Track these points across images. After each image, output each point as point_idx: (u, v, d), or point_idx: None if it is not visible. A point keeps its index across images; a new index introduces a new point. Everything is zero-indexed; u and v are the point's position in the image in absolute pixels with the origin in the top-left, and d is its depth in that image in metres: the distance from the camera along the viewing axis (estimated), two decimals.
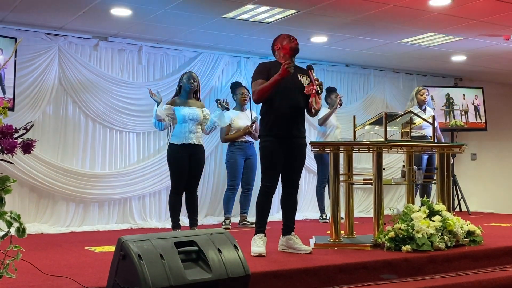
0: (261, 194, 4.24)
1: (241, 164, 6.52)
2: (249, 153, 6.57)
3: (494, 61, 8.01)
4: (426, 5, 5.48)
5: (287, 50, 4.30)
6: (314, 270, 3.67)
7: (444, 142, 6.90)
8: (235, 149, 6.51)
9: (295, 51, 4.31)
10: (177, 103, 5.38)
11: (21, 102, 6.20)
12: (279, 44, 4.36)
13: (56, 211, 6.39)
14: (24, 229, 2.68)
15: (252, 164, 6.58)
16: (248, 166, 6.56)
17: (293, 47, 4.29)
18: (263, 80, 4.19)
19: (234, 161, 6.49)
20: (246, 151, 6.53)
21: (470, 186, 9.13)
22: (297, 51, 4.33)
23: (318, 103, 4.24)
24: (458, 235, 4.51)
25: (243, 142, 6.52)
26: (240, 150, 6.51)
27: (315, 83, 4.14)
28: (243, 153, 6.52)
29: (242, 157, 6.52)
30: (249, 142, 6.56)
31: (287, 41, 4.32)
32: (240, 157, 6.51)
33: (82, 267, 3.73)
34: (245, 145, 6.53)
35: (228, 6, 5.55)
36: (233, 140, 6.51)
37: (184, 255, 2.90)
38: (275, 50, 4.40)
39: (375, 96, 8.73)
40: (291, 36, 4.35)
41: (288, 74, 4.05)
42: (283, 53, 4.32)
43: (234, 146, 6.53)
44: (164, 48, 7.15)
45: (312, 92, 4.15)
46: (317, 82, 4.14)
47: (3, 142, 2.59)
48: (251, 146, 6.59)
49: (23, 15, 5.85)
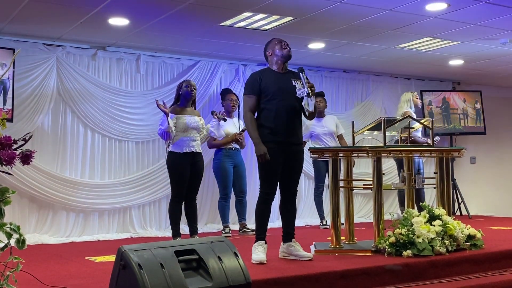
0: (260, 201, 4.23)
1: (231, 172, 6.44)
2: (237, 160, 6.50)
3: (491, 64, 8.04)
4: (423, 10, 5.50)
5: (279, 57, 4.28)
6: (315, 277, 3.66)
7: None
8: (223, 157, 6.41)
9: (286, 58, 4.29)
10: (178, 111, 5.38)
11: (20, 113, 6.20)
12: (271, 50, 4.32)
13: (56, 221, 6.38)
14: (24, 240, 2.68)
15: (242, 171, 6.53)
16: (238, 173, 6.49)
17: (285, 54, 4.26)
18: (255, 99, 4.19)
19: (223, 169, 6.39)
20: (234, 158, 6.46)
21: (470, 190, 9.12)
22: (288, 58, 4.30)
23: (311, 106, 4.21)
24: (458, 239, 4.51)
25: (230, 149, 6.43)
26: (228, 158, 6.42)
27: (306, 85, 4.13)
28: (231, 160, 6.44)
29: (230, 164, 6.44)
30: (236, 149, 6.49)
31: (278, 47, 4.28)
32: (229, 165, 6.43)
33: (83, 278, 3.72)
34: (233, 152, 6.45)
35: (225, 14, 5.56)
36: (220, 146, 6.42)
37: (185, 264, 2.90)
38: (267, 56, 4.37)
39: (374, 102, 8.74)
40: (282, 42, 4.30)
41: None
42: (274, 60, 4.31)
43: (221, 154, 6.43)
44: (162, 57, 7.16)
45: (304, 94, 4.15)
46: (308, 85, 4.13)
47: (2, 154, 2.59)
48: (238, 154, 6.52)
49: (21, 26, 5.86)
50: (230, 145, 6.42)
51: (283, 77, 4.26)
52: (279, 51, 4.27)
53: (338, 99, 8.37)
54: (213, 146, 6.47)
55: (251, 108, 4.22)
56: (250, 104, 4.22)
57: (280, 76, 4.27)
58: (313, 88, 4.15)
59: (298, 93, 4.17)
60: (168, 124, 5.20)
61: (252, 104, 4.21)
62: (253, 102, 4.21)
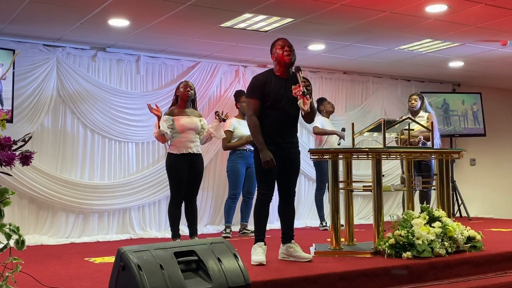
0: (258, 202, 4.23)
1: (243, 173, 6.50)
2: (251, 161, 6.51)
3: (491, 66, 8.04)
4: (423, 12, 5.49)
5: (281, 64, 4.24)
6: (314, 278, 3.66)
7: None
8: (237, 158, 6.49)
9: (288, 65, 4.24)
10: (175, 113, 5.38)
11: (20, 113, 6.20)
12: (274, 55, 4.28)
13: (55, 222, 6.37)
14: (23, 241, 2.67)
15: (253, 172, 6.53)
16: (249, 174, 6.52)
17: (286, 61, 4.21)
18: (259, 103, 4.17)
19: (236, 169, 6.47)
20: (248, 160, 6.49)
21: (469, 192, 9.12)
22: (290, 65, 4.25)
23: (306, 104, 4.13)
24: (458, 241, 4.50)
25: (244, 150, 6.50)
26: (241, 159, 6.49)
27: (301, 84, 4.11)
28: (245, 162, 6.50)
29: (243, 166, 6.50)
30: (251, 150, 6.50)
31: (280, 52, 4.23)
32: (242, 166, 6.49)
33: (82, 279, 3.72)
34: (247, 154, 6.49)
35: (225, 15, 5.57)
36: (235, 148, 6.49)
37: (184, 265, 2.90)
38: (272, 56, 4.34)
39: (373, 103, 8.74)
40: (285, 47, 4.23)
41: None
42: (277, 65, 4.27)
43: (236, 155, 6.51)
44: (162, 58, 7.16)
45: (299, 93, 4.13)
46: (304, 84, 4.10)
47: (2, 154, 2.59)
48: (252, 155, 6.54)
49: (21, 27, 5.86)
50: (245, 146, 6.48)
51: (285, 84, 4.22)
52: (281, 58, 4.23)
53: (338, 100, 8.36)
54: (228, 148, 6.53)
55: (255, 111, 4.20)
56: (254, 107, 4.20)
57: (283, 83, 4.23)
58: (309, 87, 4.12)
59: (294, 92, 4.15)
60: (159, 128, 5.18)
61: (256, 107, 4.19)
62: (257, 106, 4.19)
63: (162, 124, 5.20)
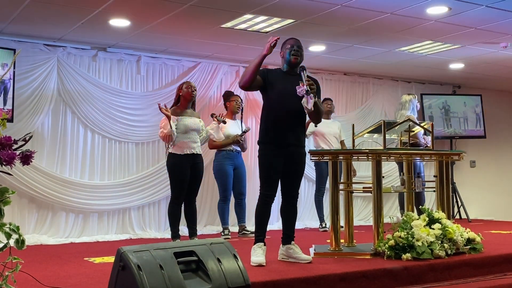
0: (260, 203, 4.22)
1: (231, 174, 6.41)
2: (238, 162, 6.47)
3: (492, 68, 8.04)
4: (424, 14, 5.50)
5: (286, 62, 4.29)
6: (314, 280, 3.66)
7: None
8: (223, 159, 6.39)
9: (293, 65, 4.28)
10: (178, 113, 5.38)
11: (20, 113, 6.20)
12: (282, 51, 4.33)
13: (55, 222, 6.37)
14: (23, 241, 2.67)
15: (242, 173, 6.51)
16: (238, 175, 6.46)
17: (291, 61, 4.25)
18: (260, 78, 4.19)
19: (223, 171, 6.37)
20: (234, 161, 6.42)
21: (469, 194, 9.11)
22: (295, 66, 4.28)
23: (309, 104, 4.13)
24: (458, 243, 4.50)
25: (230, 151, 6.40)
26: (228, 160, 6.39)
27: (305, 83, 4.11)
28: (232, 162, 6.41)
29: (231, 166, 6.42)
30: (237, 151, 6.46)
31: (288, 51, 4.27)
32: (229, 166, 6.40)
33: (82, 278, 3.72)
34: (233, 154, 6.42)
35: (226, 16, 5.57)
36: (221, 147, 6.38)
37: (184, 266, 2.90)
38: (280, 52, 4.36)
39: (374, 104, 8.74)
40: (294, 47, 4.26)
41: (271, 51, 4.01)
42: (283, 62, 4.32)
43: (222, 156, 6.40)
44: (162, 58, 7.17)
45: (303, 92, 4.13)
46: (307, 82, 4.10)
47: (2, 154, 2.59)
48: (239, 156, 6.49)
49: (22, 27, 5.86)
50: (231, 147, 6.39)
51: (291, 78, 4.23)
52: (288, 56, 4.27)
53: (338, 102, 8.36)
54: (214, 147, 6.42)
55: None
56: None
57: (289, 77, 4.26)
58: (312, 87, 4.11)
59: (298, 91, 4.15)
60: (170, 128, 5.19)
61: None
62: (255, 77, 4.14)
63: (173, 124, 5.21)
